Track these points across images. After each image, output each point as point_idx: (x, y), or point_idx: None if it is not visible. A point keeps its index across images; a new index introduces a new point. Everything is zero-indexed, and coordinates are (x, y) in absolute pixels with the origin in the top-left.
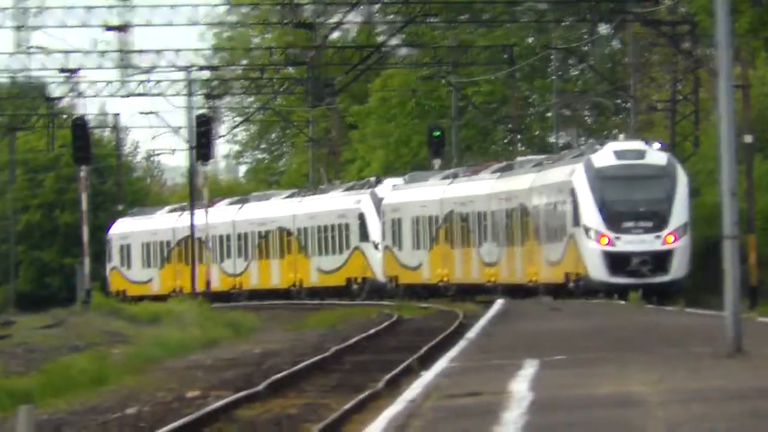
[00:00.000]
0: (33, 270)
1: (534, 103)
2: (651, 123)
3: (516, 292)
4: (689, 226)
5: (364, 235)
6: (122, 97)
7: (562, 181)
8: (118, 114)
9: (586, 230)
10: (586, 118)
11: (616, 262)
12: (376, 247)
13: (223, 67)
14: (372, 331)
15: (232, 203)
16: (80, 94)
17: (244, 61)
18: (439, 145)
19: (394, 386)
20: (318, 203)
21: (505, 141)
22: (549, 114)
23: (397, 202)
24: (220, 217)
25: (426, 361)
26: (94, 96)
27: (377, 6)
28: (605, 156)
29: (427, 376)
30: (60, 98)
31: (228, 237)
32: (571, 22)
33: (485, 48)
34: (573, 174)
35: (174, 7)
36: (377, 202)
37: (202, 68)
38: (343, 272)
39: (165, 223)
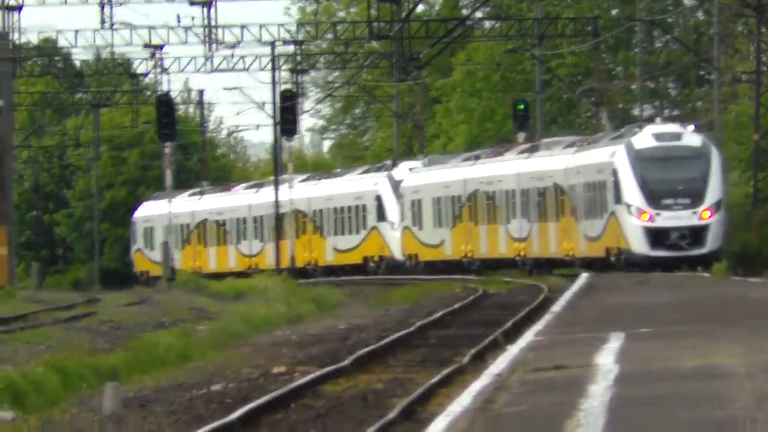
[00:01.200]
0: (117, 247)
1: (618, 75)
2: (735, 95)
3: (546, 265)
4: (723, 202)
5: (381, 216)
6: (206, 72)
7: (604, 162)
8: (202, 90)
9: (628, 207)
10: (670, 90)
11: (657, 236)
12: (393, 227)
13: (308, 41)
14: (456, 305)
15: (248, 187)
16: (164, 70)
17: (329, 36)
18: (523, 119)
19: (480, 360)
20: (334, 186)
21: (589, 114)
22: (633, 86)
23: (418, 184)
24: (239, 200)
25: (511, 336)
26: (179, 72)
27: None
28: (645, 138)
29: (513, 350)
30: (144, 74)
31: (244, 219)
32: None
33: (570, 20)
34: (614, 155)
35: None
36: (395, 184)
37: (286, 43)
38: (360, 251)
39: (184, 206)
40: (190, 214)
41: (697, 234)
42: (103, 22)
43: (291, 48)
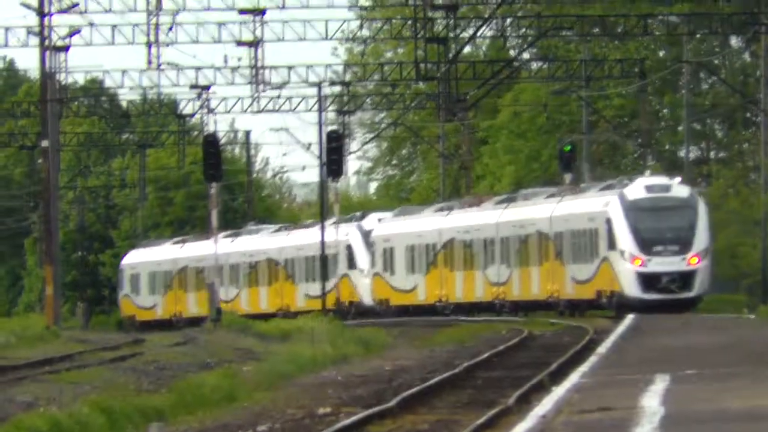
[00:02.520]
0: None
1: (664, 117)
2: None
3: (526, 308)
4: (709, 249)
5: (351, 264)
6: (253, 113)
7: (597, 211)
8: (248, 130)
9: (622, 253)
10: (717, 131)
11: (648, 280)
12: (362, 273)
13: (355, 82)
14: (502, 347)
15: (227, 236)
16: (211, 111)
17: (376, 77)
18: (569, 160)
19: (525, 402)
20: (305, 236)
21: (635, 155)
22: (680, 128)
23: (389, 233)
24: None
25: (557, 377)
26: (225, 112)
27: (509, 20)
28: (637, 189)
29: (558, 392)
30: (191, 115)
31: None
32: (702, 35)
33: (617, 62)
34: (608, 205)
35: (306, 22)
36: (364, 233)
37: (333, 83)
38: (330, 297)
39: (169, 254)
40: (172, 261)
41: (686, 278)
42: (149, 62)
43: (338, 89)
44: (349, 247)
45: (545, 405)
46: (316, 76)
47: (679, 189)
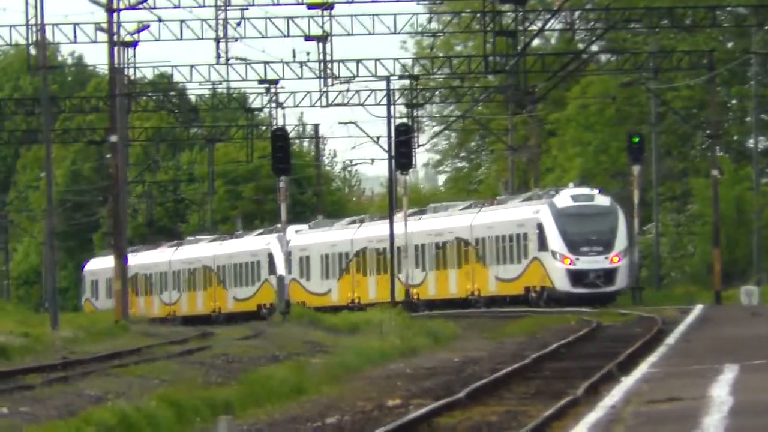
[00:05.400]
0: None
1: (733, 108)
2: None
3: (441, 305)
4: (628, 249)
5: (272, 270)
6: (322, 107)
7: (527, 218)
8: (317, 124)
9: (553, 254)
10: None
11: (577, 277)
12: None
13: (424, 75)
14: (571, 338)
15: (170, 246)
16: (279, 105)
17: (445, 70)
18: (638, 152)
19: (594, 392)
20: (234, 245)
21: (704, 146)
22: (748, 119)
23: (305, 243)
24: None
25: (626, 367)
26: (294, 106)
27: (578, 13)
28: (564, 198)
29: (627, 382)
30: (259, 109)
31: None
32: None
33: (685, 53)
34: (538, 212)
35: (374, 16)
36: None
37: (401, 77)
38: (253, 300)
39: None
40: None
41: (609, 275)
42: (218, 57)
43: (406, 82)
44: (270, 255)
45: (614, 395)
46: (384, 70)
47: (601, 198)
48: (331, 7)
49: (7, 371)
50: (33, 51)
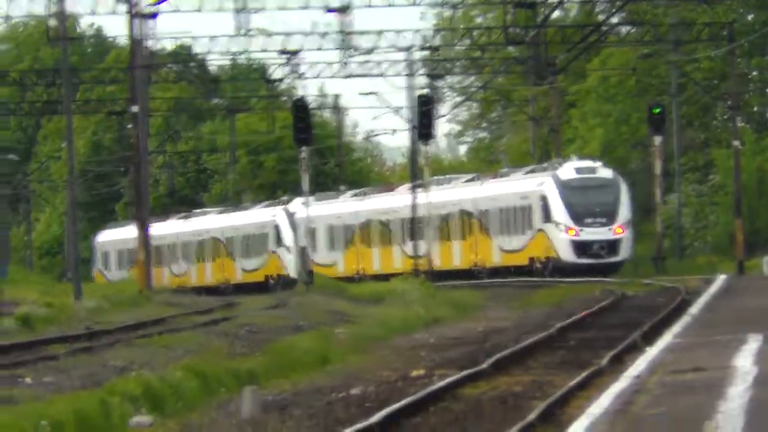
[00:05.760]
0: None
1: (753, 79)
2: None
3: (445, 276)
4: (631, 220)
5: (279, 242)
6: (342, 78)
7: (531, 190)
8: (338, 95)
9: (557, 225)
10: None
11: (581, 247)
12: (288, 251)
13: (444, 46)
14: (595, 307)
15: (179, 218)
16: (300, 76)
17: (466, 41)
18: (659, 122)
19: (619, 362)
20: (241, 217)
21: (725, 117)
22: None
23: (312, 215)
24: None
25: (650, 337)
26: (315, 77)
27: None
28: (568, 171)
29: (652, 352)
30: (280, 80)
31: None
32: None
33: (705, 25)
34: (542, 184)
35: None
36: (290, 215)
37: (422, 48)
38: (261, 271)
39: (131, 233)
40: (131, 241)
41: (612, 245)
42: (238, 28)
43: (427, 53)
44: (277, 227)
45: (639, 365)
46: (405, 41)
47: (603, 171)
48: None
49: (31, 341)
50: (52, 23)
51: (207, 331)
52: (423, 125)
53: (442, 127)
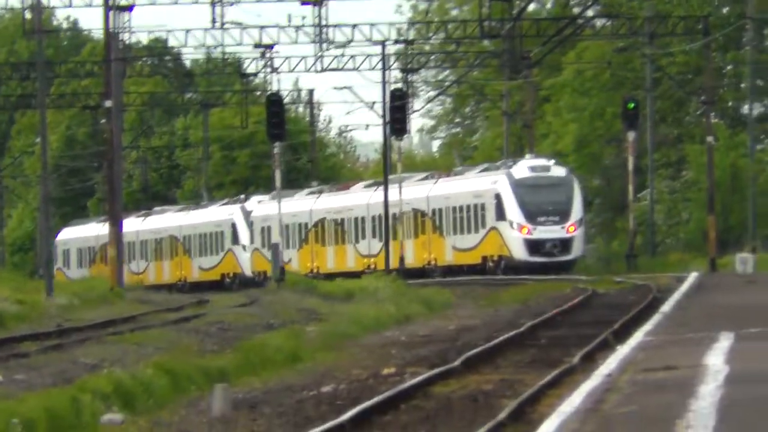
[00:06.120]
0: None
1: (728, 74)
2: None
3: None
4: (583, 219)
5: (235, 240)
6: (317, 72)
7: (484, 189)
8: (312, 89)
9: (511, 223)
10: None
11: (534, 246)
12: (244, 249)
13: (419, 40)
14: (566, 306)
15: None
16: (274, 70)
17: (440, 35)
18: (633, 118)
19: (590, 361)
20: (198, 215)
21: (699, 113)
22: (743, 84)
23: (267, 214)
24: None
25: (621, 336)
26: (289, 72)
27: None
28: (521, 169)
29: (623, 350)
30: (254, 74)
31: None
32: None
33: (681, 19)
34: (496, 183)
35: None
36: (246, 213)
37: (397, 42)
38: (218, 269)
39: (92, 231)
40: (94, 239)
41: (565, 244)
42: (213, 21)
43: (401, 47)
44: (233, 225)
45: (610, 364)
46: (380, 35)
47: (557, 169)
48: None
49: (2, 339)
50: (28, 15)
51: (178, 329)
52: (396, 120)
53: (416, 122)
